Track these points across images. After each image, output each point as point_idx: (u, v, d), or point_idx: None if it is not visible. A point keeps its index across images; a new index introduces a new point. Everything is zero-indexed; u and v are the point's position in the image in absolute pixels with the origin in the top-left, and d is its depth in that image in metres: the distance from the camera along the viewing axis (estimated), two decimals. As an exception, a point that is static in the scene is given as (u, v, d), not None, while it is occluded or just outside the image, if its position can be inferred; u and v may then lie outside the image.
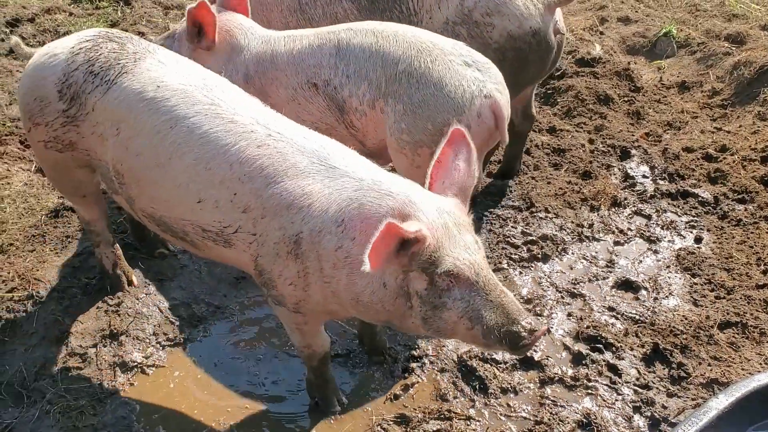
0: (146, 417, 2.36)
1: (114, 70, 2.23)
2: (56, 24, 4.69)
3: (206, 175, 2.07)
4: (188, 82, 2.20)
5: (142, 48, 2.31)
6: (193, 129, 2.09)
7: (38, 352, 2.54)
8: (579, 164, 3.64)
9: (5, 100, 3.98)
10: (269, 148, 2.04)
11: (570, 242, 3.16)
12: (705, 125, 3.99)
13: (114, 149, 2.23)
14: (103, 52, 2.28)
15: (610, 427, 2.32)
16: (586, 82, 4.20)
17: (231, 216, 2.07)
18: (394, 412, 2.39)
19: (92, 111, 2.25)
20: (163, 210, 2.21)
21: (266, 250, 2.06)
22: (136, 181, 2.21)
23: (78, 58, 2.27)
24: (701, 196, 3.43)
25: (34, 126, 2.37)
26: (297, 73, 2.72)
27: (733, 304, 2.77)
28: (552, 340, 2.66)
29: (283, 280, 2.07)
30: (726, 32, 4.78)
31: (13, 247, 3.00)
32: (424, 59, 2.55)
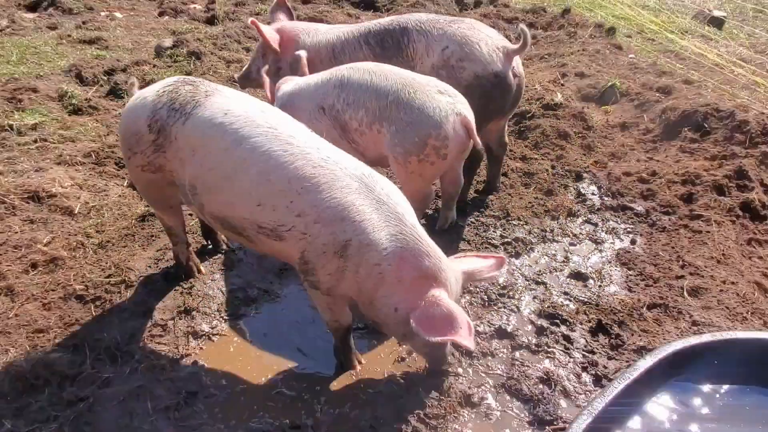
0: (212, 373, 2.40)
1: (190, 105, 2.24)
2: (143, 74, 4.75)
3: (267, 185, 2.07)
4: (250, 110, 2.21)
5: (211, 87, 2.35)
6: (256, 147, 2.10)
7: (129, 324, 2.58)
8: (543, 184, 3.68)
9: (104, 132, 4.05)
10: (324, 170, 2.06)
11: (536, 243, 3.20)
12: (640, 156, 4.03)
13: (191, 168, 2.24)
14: (181, 92, 2.30)
15: (564, 382, 2.35)
16: (550, 122, 4.23)
17: (285, 218, 2.07)
18: (401, 371, 2.42)
19: (175, 140, 2.26)
20: (227, 212, 2.21)
21: (314, 247, 2.05)
22: (208, 190, 2.22)
23: (162, 99, 2.30)
24: (636, 209, 3.47)
25: (133, 155, 2.40)
26: (310, 100, 2.78)
27: (658, 290, 2.82)
28: (521, 317, 2.70)
29: (324, 270, 2.08)
30: (657, 85, 4.82)
31: (110, 244, 3.05)
32: (408, 90, 2.64)
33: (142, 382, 2.30)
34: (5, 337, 2.48)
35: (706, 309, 2.68)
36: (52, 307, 2.64)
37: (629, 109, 4.57)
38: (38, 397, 2.23)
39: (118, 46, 5.59)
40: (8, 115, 4.10)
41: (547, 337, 2.57)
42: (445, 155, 2.66)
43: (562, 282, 2.92)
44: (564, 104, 4.45)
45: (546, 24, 6.57)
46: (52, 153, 3.73)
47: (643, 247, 3.16)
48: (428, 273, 2.06)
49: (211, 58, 5.24)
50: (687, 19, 7.20)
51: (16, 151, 3.72)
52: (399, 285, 2.06)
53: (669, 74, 5.21)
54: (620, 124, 4.40)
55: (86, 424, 2.14)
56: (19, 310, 2.60)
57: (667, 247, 3.13)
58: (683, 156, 3.89)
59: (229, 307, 2.72)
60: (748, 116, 3.97)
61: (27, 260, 2.87)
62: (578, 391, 2.32)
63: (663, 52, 5.97)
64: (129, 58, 5.16)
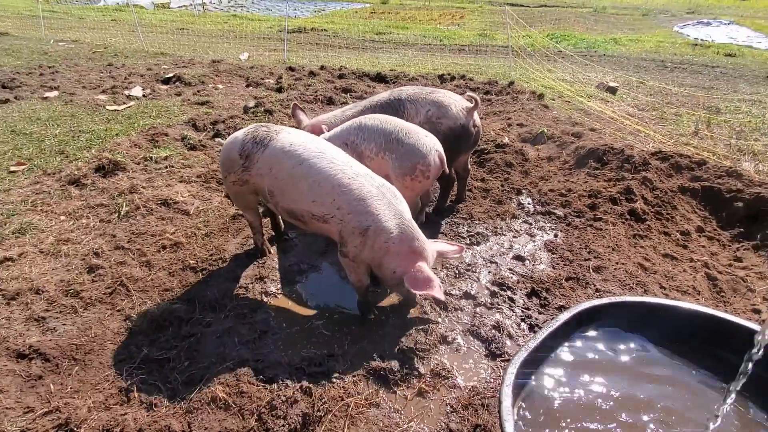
0: (277, 318, 2.39)
1: (267, 139, 2.32)
2: (235, 123, 4.78)
3: (318, 189, 2.15)
4: (306, 142, 2.29)
5: (279, 128, 2.41)
6: (311, 165, 2.18)
7: (224, 286, 2.58)
8: (496, 197, 3.63)
9: (210, 161, 4.07)
10: (355, 181, 2.14)
11: (490, 236, 3.16)
12: (560, 178, 3.97)
13: (269, 180, 2.30)
14: (260, 132, 2.37)
15: (508, 329, 2.32)
16: (500, 156, 4.18)
17: (330, 210, 2.15)
18: (400, 320, 2.41)
19: (256, 162, 2.33)
20: (293, 206, 2.26)
21: (347, 229, 2.13)
22: (281, 193, 2.29)
23: (248, 137, 2.38)
24: (557, 213, 3.41)
25: (228, 174, 2.45)
26: (338, 139, 2.78)
27: (572, 268, 2.77)
28: (480, 285, 2.66)
29: (352, 244, 2.14)
30: (571, 131, 4.75)
31: (213, 233, 3.05)
32: (405, 132, 2.66)
33: (231, 324, 2.31)
34: (144, 294, 2.50)
35: (605, 281, 2.63)
36: (175, 274, 2.65)
37: (553, 148, 4.51)
38: (165, 333, 2.24)
39: (220, 106, 5.62)
40: (149, 150, 4.13)
41: (497, 299, 2.54)
42: (428, 176, 2.67)
43: (508, 262, 2.89)
44: (509, 144, 4.41)
45: (498, 91, 6.51)
46: (176, 175, 3.75)
47: (562, 239, 3.12)
48: (416, 250, 2.13)
49: (279, 114, 5.25)
50: (591, 87, 7.11)
51: (153, 173, 3.75)
52: (397, 256, 2.12)
53: (580, 124, 5.14)
54: (547, 157, 4.36)
55: (195, 351, 2.14)
56: (153, 276, 2.62)
57: (578, 239, 3.09)
58: (589, 179, 3.84)
59: (288, 275, 2.72)
60: (633, 152, 3.90)
61: (159, 244, 2.88)
62: (518, 335, 2.29)
63: (576, 109, 5.90)
64: (226, 113, 5.18)
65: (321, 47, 10.51)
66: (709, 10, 21.10)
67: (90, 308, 2.38)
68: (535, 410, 1.50)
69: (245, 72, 7.39)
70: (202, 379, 1.98)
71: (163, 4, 19.05)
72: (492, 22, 15.16)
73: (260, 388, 1.93)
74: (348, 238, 2.15)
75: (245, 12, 17.64)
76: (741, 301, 2.52)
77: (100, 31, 11.57)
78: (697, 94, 6.66)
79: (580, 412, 1.50)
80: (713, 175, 3.57)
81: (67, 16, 14.27)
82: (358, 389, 1.96)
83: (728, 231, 3.20)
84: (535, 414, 1.49)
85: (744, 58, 10.22)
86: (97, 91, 6.07)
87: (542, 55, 9.29)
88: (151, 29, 11.90)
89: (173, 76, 6.76)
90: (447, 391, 1.98)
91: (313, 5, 21.54)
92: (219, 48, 9.97)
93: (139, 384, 1.96)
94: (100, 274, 2.59)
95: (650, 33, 13.67)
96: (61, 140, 4.35)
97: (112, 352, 2.14)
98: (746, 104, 6.35)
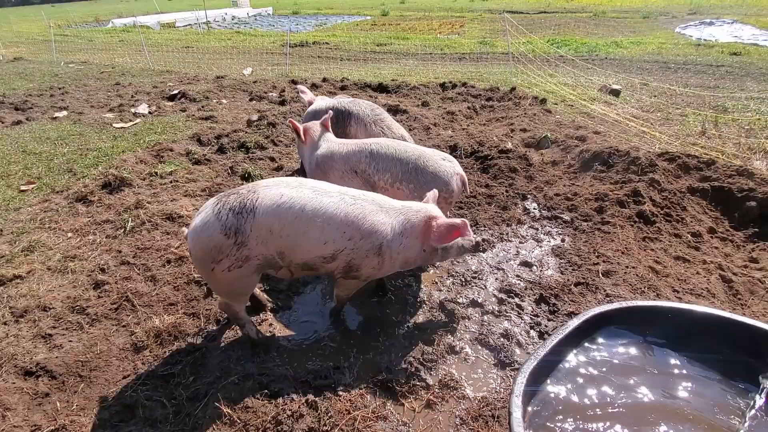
0: (283, 330, 2.36)
1: (249, 204, 1.92)
2: (239, 137, 4.82)
3: (328, 228, 1.98)
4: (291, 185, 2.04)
5: (251, 187, 2.02)
6: (315, 208, 1.97)
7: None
8: (501, 203, 3.60)
9: (214, 175, 4.07)
10: (356, 206, 2.03)
11: (496, 242, 3.12)
12: (565, 182, 3.93)
13: (273, 241, 1.95)
14: (233, 201, 1.94)
15: (517, 336, 2.27)
16: (504, 162, 4.16)
17: (342, 244, 2.01)
18: (407, 330, 2.36)
19: (251, 231, 1.91)
20: (307, 257, 2.02)
21: (359, 254, 2.04)
22: (292, 250, 1.98)
23: (223, 214, 1.91)
24: (564, 218, 3.36)
25: (218, 263, 1.95)
26: (345, 163, 2.65)
27: (581, 273, 2.72)
28: (487, 292, 2.61)
29: (368, 266, 2.09)
30: (575, 135, 4.72)
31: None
32: (423, 160, 2.56)
33: (235, 338, 2.28)
34: (149, 308, 2.49)
35: (615, 286, 2.58)
36: (180, 288, 2.64)
37: (557, 152, 4.48)
38: (170, 347, 2.22)
39: (224, 120, 5.68)
40: (154, 166, 4.17)
41: (505, 306, 2.50)
42: (450, 201, 2.62)
43: (515, 268, 2.84)
44: (513, 150, 4.39)
45: (500, 97, 6.51)
46: (181, 189, 3.76)
47: (570, 243, 3.07)
48: (425, 221, 2.11)
49: (282, 126, 5.27)
50: (594, 91, 7.08)
51: (159, 188, 3.77)
52: (417, 240, 2.12)
53: (584, 128, 5.11)
54: (551, 161, 4.32)
55: (200, 366, 2.12)
56: (159, 291, 2.61)
57: (586, 243, 3.04)
58: (595, 182, 3.80)
59: (293, 287, 2.70)
60: (639, 154, 3.86)
61: (164, 258, 2.88)
62: (528, 343, 2.24)
63: (579, 113, 5.86)
64: (230, 127, 5.22)
65: (323, 60, 10.63)
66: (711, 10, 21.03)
67: (96, 324, 2.37)
68: (547, 420, 1.45)
69: (248, 86, 7.48)
70: (207, 394, 1.95)
71: (169, 24, 19.49)
72: (492, 30, 15.25)
73: (265, 402, 1.90)
74: (362, 263, 2.04)
75: (248, 28, 17.96)
76: (760, 304, 2.45)
77: (108, 52, 11.84)
78: (703, 93, 6.59)
79: (593, 421, 1.45)
80: (723, 175, 3.51)
81: (77, 38, 14.64)
82: (365, 402, 1.92)
83: (742, 231, 3.13)
84: (548, 424, 1.44)
85: (750, 56, 10.12)
86: (104, 110, 6.18)
87: (543, 61, 9.30)
88: (158, 48, 12.14)
89: (178, 93, 6.86)
90: (456, 403, 1.93)
91: (314, 19, 21.88)
92: (223, 64, 10.12)
93: (143, 401, 1.94)
94: (106, 289, 2.60)
95: (652, 35, 13.63)
96: (69, 158, 4.41)
97: (118, 368, 2.13)
98: (754, 102, 6.26)
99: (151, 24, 18.45)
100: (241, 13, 24.26)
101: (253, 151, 4.55)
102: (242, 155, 4.48)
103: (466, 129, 5.21)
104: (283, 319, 2.44)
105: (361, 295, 2.53)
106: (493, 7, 23.75)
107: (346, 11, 25.38)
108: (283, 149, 4.67)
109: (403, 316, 2.44)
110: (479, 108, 6.02)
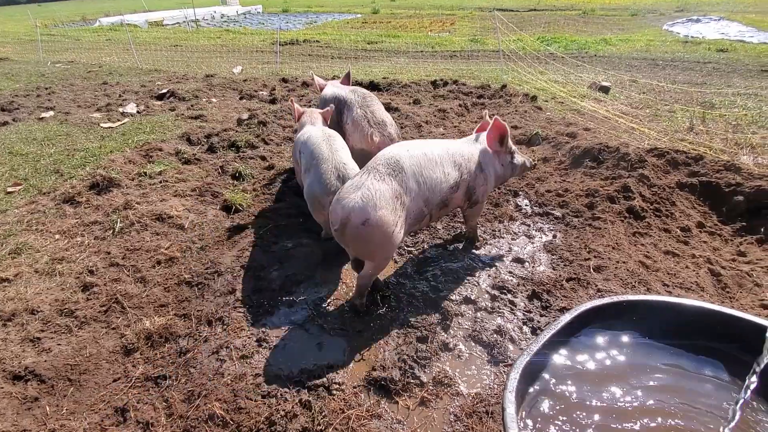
0: (274, 330, 2.33)
1: (395, 162, 2.36)
2: (229, 136, 4.77)
3: (447, 165, 2.48)
4: (409, 146, 2.42)
5: (385, 152, 2.44)
6: (434, 154, 2.45)
7: (220, 299, 2.52)
8: (492, 199, 3.61)
9: (204, 174, 4.03)
10: (453, 146, 2.63)
11: (489, 239, 3.12)
12: (556, 179, 3.95)
13: (418, 193, 2.40)
14: (391, 160, 2.46)
15: (510, 333, 2.27)
16: (496, 158, 4.16)
17: (456, 172, 2.50)
18: (401, 328, 2.36)
19: (407, 182, 2.33)
20: (441, 195, 2.47)
21: (472, 177, 2.58)
22: (431, 190, 2.42)
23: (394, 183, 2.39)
24: (555, 214, 3.37)
25: (396, 226, 2.28)
26: (296, 145, 3.07)
27: (573, 269, 2.72)
28: (480, 289, 2.61)
29: (480, 185, 2.65)
30: (566, 132, 4.75)
31: (208, 247, 3.00)
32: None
33: (228, 338, 2.25)
34: (139, 310, 2.45)
35: (606, 281, 2.59)
36: (170, 289, 2.61)
37: (548, 149, 4.50)
38: (161, 349, 2.19)
39: (213, 119, 5.62)
40: (143, 166, 4.11)
41: (498, 302, 2.49)
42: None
43: (507, 265, 2.84)
44: (505, 146, 4.39)
45: (491, 95, 6.52)
46: (170, 189, 3.72)
47: (561, 239, 3.08)
48: (487, 150, 2.70)
49: (273, 125, 5.24)
50: (584, 88, 7.13)
51: (148, 189, 3.72)
52: (492, 154, 2.72)
53: (574, 124, 5.14)
54: (543, 158, 4.33)
55: (192, 368, 2.09)
56: (149, 292, 2.57)
57: (578, 239, 3.05)
58: (586, 178, 3.81)
59: (286, 287, 2.66)
60: (629, 150, 3.89)
61: (154, 259, 2.85)
62: (521, 339, 2.24)
63: (569, 110, 5.90)
64: (220, 126, 5.17)
65: (314, 58, 10.57)
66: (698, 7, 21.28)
67: (85, 327, 2.34)
68: (540, 415, 1.45)
69: (238, 85, 7.41)
70: (199, 396, 1.93)
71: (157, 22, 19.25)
72: (483, 28, 15.28)
73: (258, 403, 1.88)
74: (475, 183, 2.57)
75: (238, 27, 17.79)
76: (748, 297, 2.48)
77: (95, 51, 11.66)
78: (690, 90, 6.66)
79: (586, 415, 1.46)
80: (711, 170, 3.55)
81: (63, 38, 14.40)
82: (359, 401, 1.91)
83: (730, 225, 3.17)
84: (541, 419, 1.44)
85: (737, 52, 10.26)
86: (91, 110, 6.08)
87: (533, 58, 9.34)
88: (146, 47, 11.98)
89: (167, 92, 6.77)
90: (450, 400, 1.93)
91: (305, 17, 21.74)
92: (212, 63, 10.02)
93: (135, 403, 1.91)
94: (95, 292, 2.56)
95: (640, 32, 13.76)
96: (56, 159, 4.33)
97: (108, 371, 2.10)
98: (741, 98, 6.35)
99: (138, 23, 18.21)
100: (231, 11, 24.04)
101: (244, 150, 4.51)
102: (233, 154, 4.44)
103: (457, 126, 5.21)
104: (275, 319, 2.42)
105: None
106: (484, 5, 23.80)
107: (336, 9, 25.27)
108: (274, 148, 4.63)
109: (396, 314, 2.43)
110: (470, 105, 6.03)
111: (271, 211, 3.45)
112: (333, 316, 2.45)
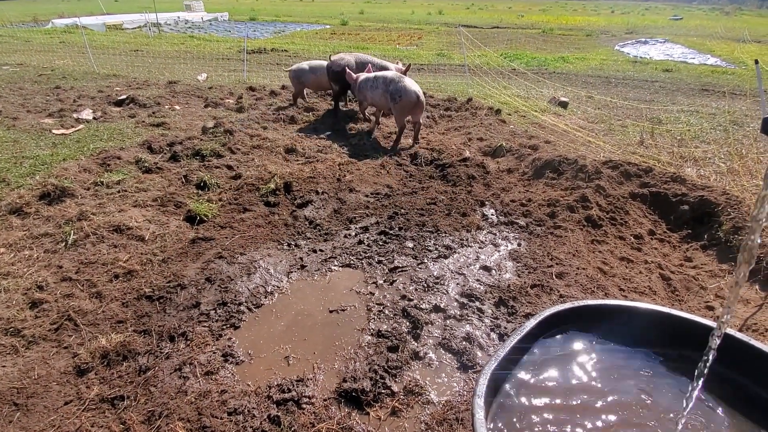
0: (242, 343, 2.26)
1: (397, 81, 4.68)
2: (194, 144, 4.64)
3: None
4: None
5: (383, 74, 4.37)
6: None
7: (183, 314, 2.43)
8: (461, 209, 3.68)
9: (166, 184, 3.89)
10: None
11: (457, 248, 3.18)
12: (520, 189, 4.09)
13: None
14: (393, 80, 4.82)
15: (479, 339, 2.31)
16: (463, 169, 4.28)
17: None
18: (372, 337, 2.35)
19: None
20: None
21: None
22: None
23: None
24: (519, 223, 3.49)
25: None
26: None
27: (537, 275, 2.81)
28: (449, 297, 2.65)
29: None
30: (528, 144, 4.95)
31: (170, 259, 2.90)
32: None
33: (191, 354, 2.16)
34: (95, 327, 2.32)
35: (567, 286, 2.70)
36: (129, 304, 2.49)
37: (512, 160, 4.66)
38: (119, 368, 2.07)
39: (177, 127, 5.45)
40: (100, 175, 3.92)
41: (467, 310, 2.53)
42: None
43: (475, 273, 2.90)
44: (471, 158, 4.51)
45: (457, 108, 6.71)
46: (130, 199, 3.56)
47: (525, 248, 3.18)
48: None
49: (239, 134, 5.14)
50: (545, 102, 7.47)
51: (105, 199, 3.55)
52: None
53: (536, 137, 5.36)
54: (507, 169, 4.48)
55: (152, 387, 1.99)
56: (105, 308, 2.44)
57: (541, 247, 3.16)
58: (547, 188, 3.97)
59: (253, 299, 2.60)
60: (586, 162, 4.10)
61: (111, 273, 2.70)
62: (489, 345, 2.28)
63: (531, 123, 6.16)
64: (183, 135, 5.03)
65: (282, 67, 10.49)
66: (646, 30, 22.89)
67: (33, 347, 2.18)
68: (509, 420, 1.49)
69: (203, 92, 7.23)
70: (161, 416, 1.84)
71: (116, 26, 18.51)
72: (449, 43, 15.73)
73: (225, 421, 1.81)
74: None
75: (203, 33, 17.41)
76: (695, 299, 2.65)
77: (47, 54, 11.04)
78: (640, 106, 7.13)
79: (554, 417, 1.50)
80: (660, 181, 3.79)
81: (12, 39, 13.55)
82: (330, 413, 1.88)
83: (677, 233, 3.39)
84: (510, 423, 1.48)
85: (680, 72, 11.10)
86: (42, 115, 5.74)
87: (497, 73, 9.70)
88: (103, 51, 11.48)
89: (126, 98, 6.51)
90: (421, 408, 1.94)
91: (272, 26, 21.58)
92: (176, 69, 9.73)
93: (88, 427, 1.79)
94: (45, 309, 2.39)
95: (594, 51, 14.62)
96: (2, 167, 4.05)
97: (58, 393, 1.96)
98: (685, 114, 6.86)
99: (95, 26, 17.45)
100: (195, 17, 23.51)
101: (209, 159, 4.39)
102: (197, 163, 4.32)
103: (425, 137, 5.32)
104: (242, 333, 2.35)
105: (323, 304, 2.48)
106: (449, 20, 24.55)
107: (305, 19, 25.26)
108: (241, 157, 4.54)
109: (366, 324, 2.42)
110: (438, 117, 6.17)
111: (238, 222, 3.37)
112: (301, 327, 2.40)
